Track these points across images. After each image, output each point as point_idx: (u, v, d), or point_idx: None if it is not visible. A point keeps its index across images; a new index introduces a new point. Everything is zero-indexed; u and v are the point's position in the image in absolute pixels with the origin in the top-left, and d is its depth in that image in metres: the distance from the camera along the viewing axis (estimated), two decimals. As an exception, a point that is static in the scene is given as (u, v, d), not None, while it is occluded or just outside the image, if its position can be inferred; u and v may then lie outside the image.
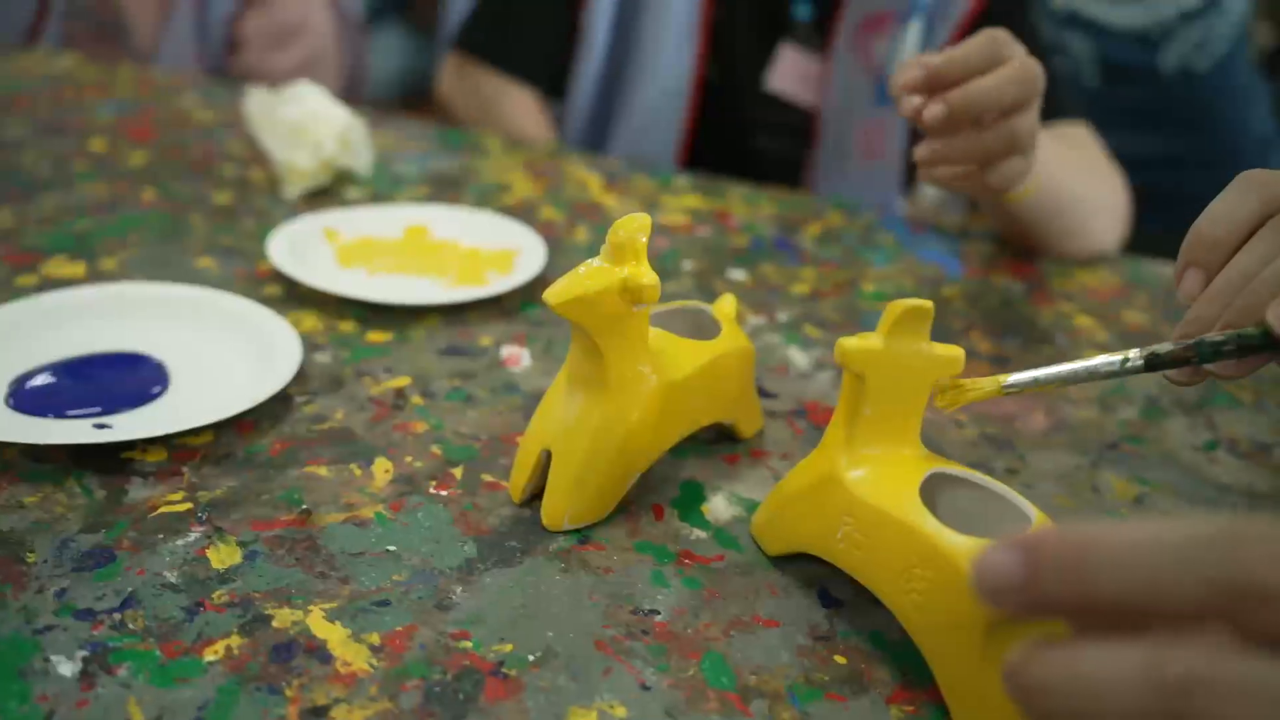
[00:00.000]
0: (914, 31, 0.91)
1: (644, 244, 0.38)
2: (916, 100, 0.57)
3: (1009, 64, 0.56)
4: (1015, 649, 0.22)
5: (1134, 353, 0.37)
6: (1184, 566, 0.20)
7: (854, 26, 0.92)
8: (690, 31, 0.94)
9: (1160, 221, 1.32)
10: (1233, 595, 0.20)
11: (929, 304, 0.35)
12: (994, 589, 0.22)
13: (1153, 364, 0.37)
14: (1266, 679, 0.19)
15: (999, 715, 0.32)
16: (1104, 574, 0.21)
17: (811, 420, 0.50)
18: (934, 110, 0.56)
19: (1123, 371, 0.37)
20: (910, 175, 1.01)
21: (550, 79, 1.01)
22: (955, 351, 0.36)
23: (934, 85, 0.56)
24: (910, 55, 0.91)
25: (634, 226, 0.38)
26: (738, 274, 0.67)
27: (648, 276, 0.38)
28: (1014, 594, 0.22)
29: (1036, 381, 0.37)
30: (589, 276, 0.38)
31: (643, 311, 0.39)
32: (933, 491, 0.37)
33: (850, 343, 0.35)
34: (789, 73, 0.96)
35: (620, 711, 0.33)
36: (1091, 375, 0.37)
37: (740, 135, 0.99)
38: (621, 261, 0.38)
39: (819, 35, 0.95)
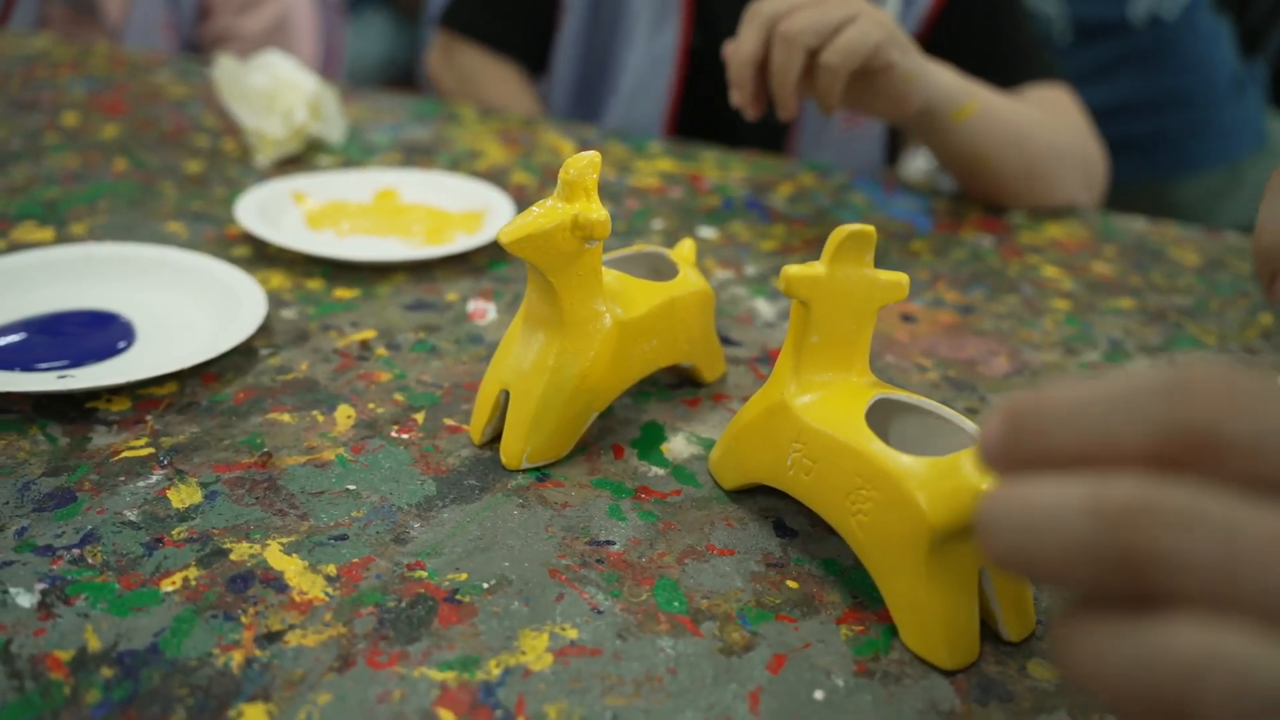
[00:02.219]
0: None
1: (594, 181, 0.38)
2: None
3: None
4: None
5: None
6: (1135, 413, 0.20)
7: None
8: (673, 1, 0.95)
9: (1143, 165, 1.33)
10: (1179, 441, 0.20)
11: (870, 229, 0.35)
12: (986, 455, 0.22)
13: None
14: (1209, 510, 0.19)
15: (944, 630, 0.33)
16: (1060, 427, 0.21)
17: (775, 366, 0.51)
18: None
19: None
20: (893, 143, 1.01)
21: (534, 54, 1.02)
22: (899, 277, 0.37)
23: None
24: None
25: (583, 164, 0.38)
26: (708, 232, 0.67)
27: (598, 212, 0.38)
28: (999, 458, 0.22)
29: None
30: (541, 215, 0.38)
31: (595, 249, 0.39)
32: (885, 419, 0.38)
33: (794, 270, 0.35)
34: None
35: (572, 633, 0.33)
36: None
37: (725, 103, 0.99)
38: (573, 199, 0.38)
39: None
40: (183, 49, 1.14)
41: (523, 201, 0.69)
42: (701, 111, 0.99)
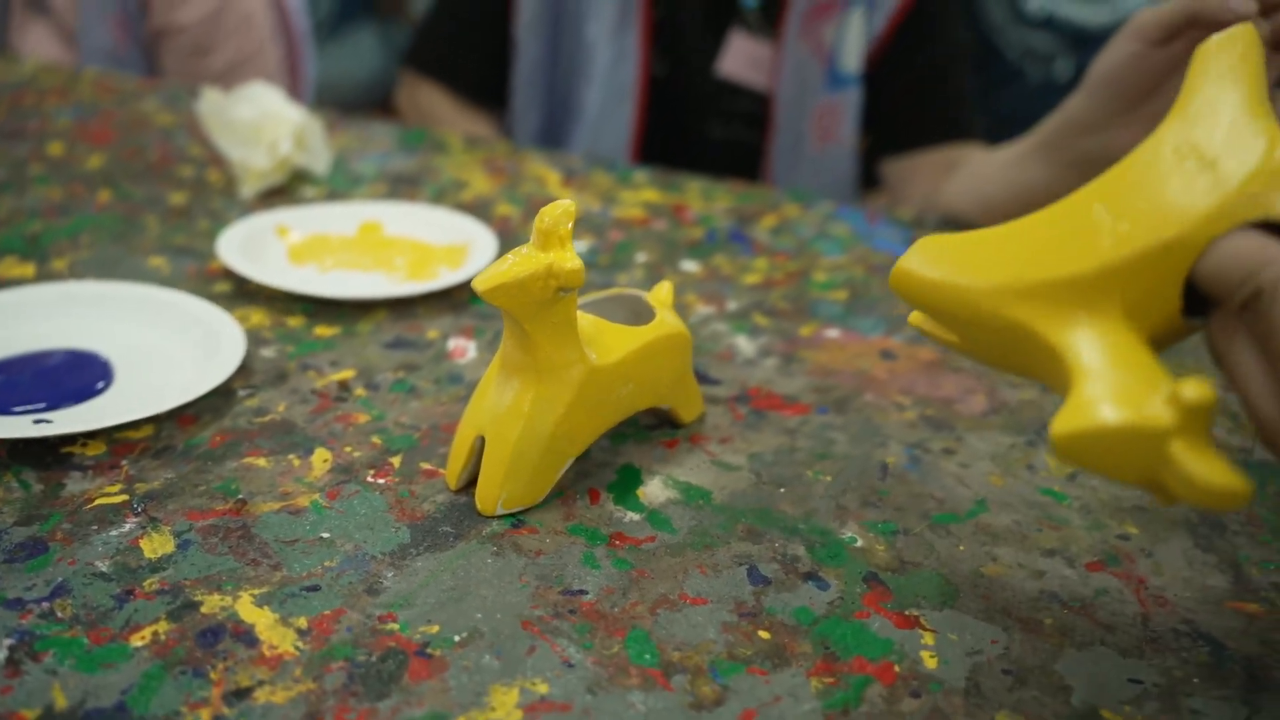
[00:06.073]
0: (857, 18, 0.93)
1: (569, 230, 0.39)
2: None
3: None
4: None
5: None
6: None
7: (802, 13, 0.94)
8: (630, 31, 0.96)
9: None
10: None
11: None
12: None
13: None
14: None
15: None
16: None
17: (754, 405, 0.51)
18: None
19: None
20: (866, 159, 1.02)
21: (496, 93, 1.04)
22: None
23: None
24: (855, 42, 0.94)
25: (558, 213, 0.38)
26: (690, 265, 0.68)
27: (571, 261, 0.38)
28: None
29: None
30: (515, 264, 0.38)
31: (570, 297, 0.39)
32: None
33: None
34: (740, 58, 0.97)
35: (542, 688, 0.33)
36: None
37: (695, 125, 1.01)
38: (548, 248, 0.39)
39: (768, 22, 0.96)
40: (134, 46, 1.15)
41: (506, 234, 0.69)
42: (670, 136, 1.01)
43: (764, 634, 0.36)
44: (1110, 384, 0.31)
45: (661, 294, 0.48)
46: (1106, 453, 0.30)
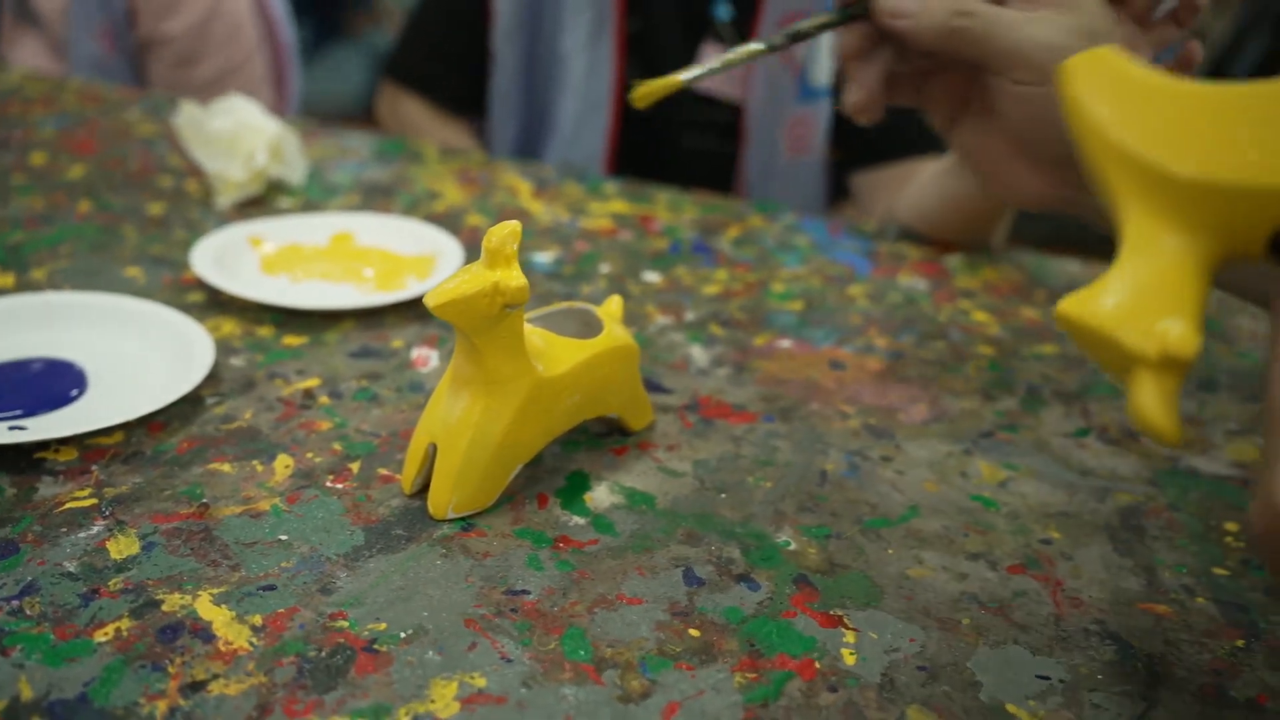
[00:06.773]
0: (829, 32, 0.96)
1: (515, 250, 0.41)
2: None
3: None
4: None
5: (778, 35, 0.48)
6: None
7: (774, 25, 0.96)
8: (604, 43, 0.98)
9: None
10: None
11: None
12: None
13: (794, 38, 0.48)
14: None
15: None
16: None
17: (703, 414, 0.53)
18: None
19: (773, 48, 0.48)
20: (836, 171, 1.05)
21: (476, 104, 1.06)
22: None
23: None
24: (826, 55, 0.96)
25: (505, 233, 0.41)
26: (652, 276, 0.70)
27: (517, 280, 0.40)
28: None
29: (710, 70, 0.48)
30: (464, 281, 0.40)
31: (516, 312, 0.42)
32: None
33: None
34: None
35: (480, 682, 0.35)
36: (751, 56, 0.48)
37: (669, 136, 1.03)
38: (495, 266, 0.41)
39: (740, 34, 0.98)
40: (121, 56, 1.17)
41: (475, 245, 0.71)
42: (644, 146, 1.03)
43: (694, 632, 0.39)
44: (1131, 289, 0.32)
45: (611, 307, 0.50)
46: (1090, 342, 0.32)
